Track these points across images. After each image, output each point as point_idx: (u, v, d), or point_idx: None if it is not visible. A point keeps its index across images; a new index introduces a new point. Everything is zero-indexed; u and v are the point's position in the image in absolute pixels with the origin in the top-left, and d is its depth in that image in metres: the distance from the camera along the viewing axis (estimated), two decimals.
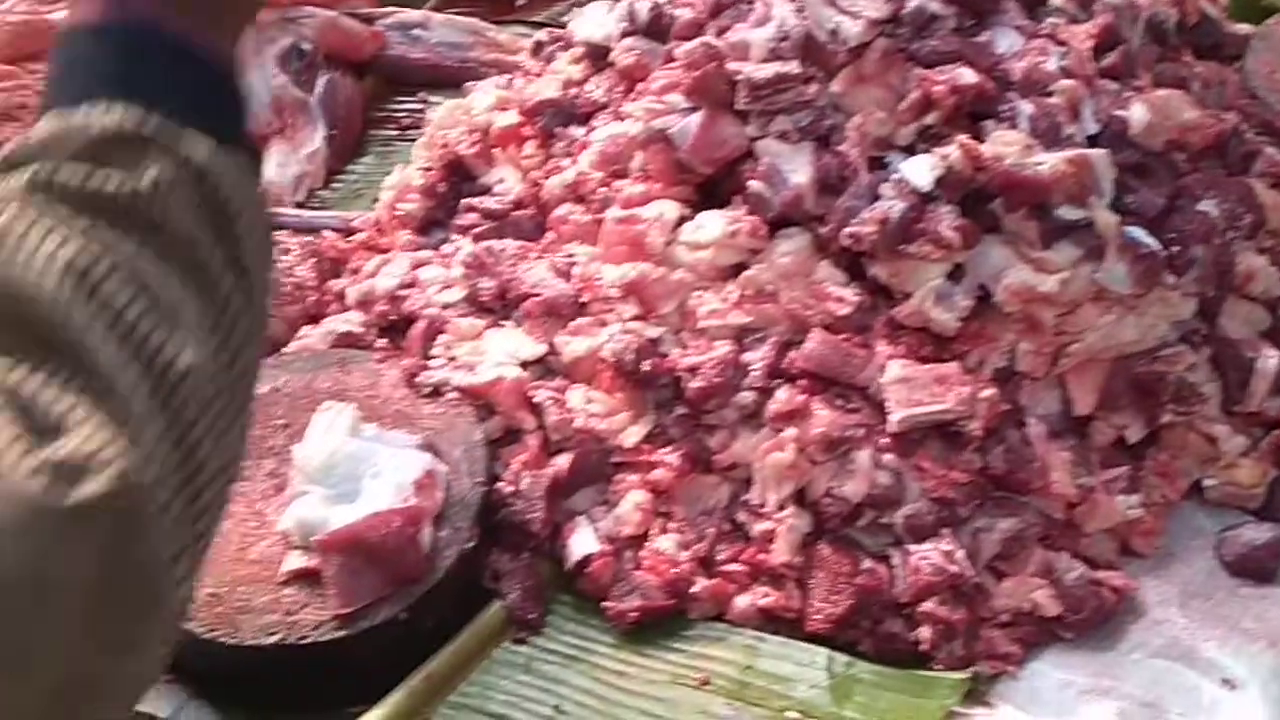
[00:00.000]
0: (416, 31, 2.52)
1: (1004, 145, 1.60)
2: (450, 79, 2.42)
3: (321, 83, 2.35)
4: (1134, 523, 1.62)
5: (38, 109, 0.83)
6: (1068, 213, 1.59)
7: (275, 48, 2.35)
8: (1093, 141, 1.65)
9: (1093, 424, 1.66)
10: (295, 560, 1.54)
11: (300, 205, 2.23)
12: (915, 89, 1.66)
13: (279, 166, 2.25)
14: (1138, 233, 1.60)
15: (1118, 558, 1.63)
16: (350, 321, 1.86)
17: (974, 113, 1.66)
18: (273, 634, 1.49)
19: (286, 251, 1.98)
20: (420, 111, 2.42)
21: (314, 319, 1.91)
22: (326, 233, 2.06)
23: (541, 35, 2.22)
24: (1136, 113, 1.65)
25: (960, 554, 1.54)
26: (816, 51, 1.70)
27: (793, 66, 1.68)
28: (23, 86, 2.11)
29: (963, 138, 1.60)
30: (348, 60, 2.43)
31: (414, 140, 2.26)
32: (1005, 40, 1.73)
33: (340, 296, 1.93)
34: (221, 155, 0.82)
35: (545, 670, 1.58)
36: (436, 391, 1.72)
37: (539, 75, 2.09)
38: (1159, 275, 1.61)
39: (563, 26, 2.32)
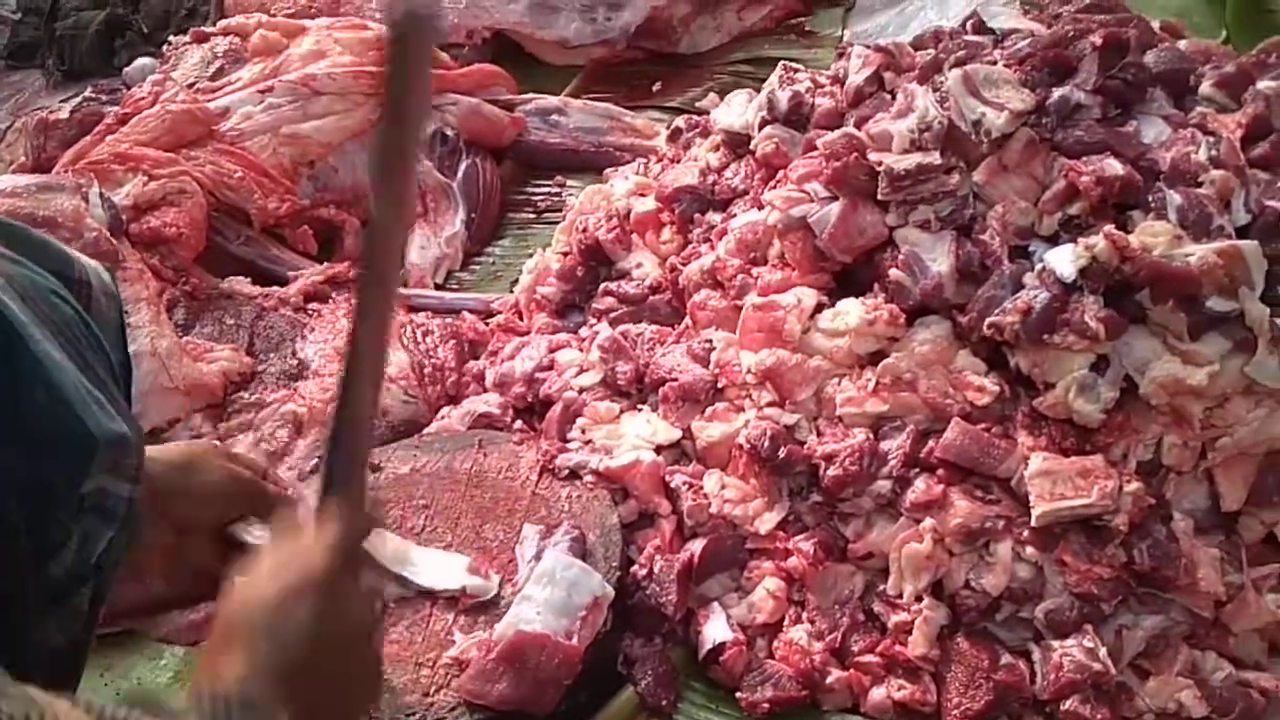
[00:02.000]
0: (555, 117, 2.57)
1: (1151, 236, 1.58)
2: (587, 163, 2.48)
3: (463, 167, 2.41)
4: None
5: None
6: (1217, 304, 1.56)
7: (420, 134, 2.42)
8: (1243, 232, 1.62)
9: (1241, 520, 1.61)
10: (458, 647, 1.55)
11: (440, 287, 2.28)
12: (1060, 179, 1.65)
13: (420, 249, 2.31)
14: None
15: (1267, 658, 1.58)
16: (489, 403, 1.89)
17: (1120, 203, 1.64)
18: (411, 714, 1.50)
19: (427, 333, 2.03)
20: (557, 195, 2.47)
21: (453, 400, 1.95)
22: (466, 314, 2.11)
23: (679, 121, 2.26)
24: None
25: (1103, 651, 1.50)
26: (958, 142, 1.70)
27: (934, 157, 1.68)
28: (182, 173, 2.18)
29: (1108, 228, 1.58)
30: (488, 145, 2.49)
31: (551, 223, 2.31)
32: (1152, 130, 1.72)
33: (479, 378, 1.96)
34: None
35: None
36: (573, 474, 1.73)
37: (675, 161, 2.12)
38: None
39: (698, 112, 2.36)
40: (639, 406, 1.82)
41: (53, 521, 0.94)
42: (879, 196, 1.70)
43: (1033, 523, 1.54)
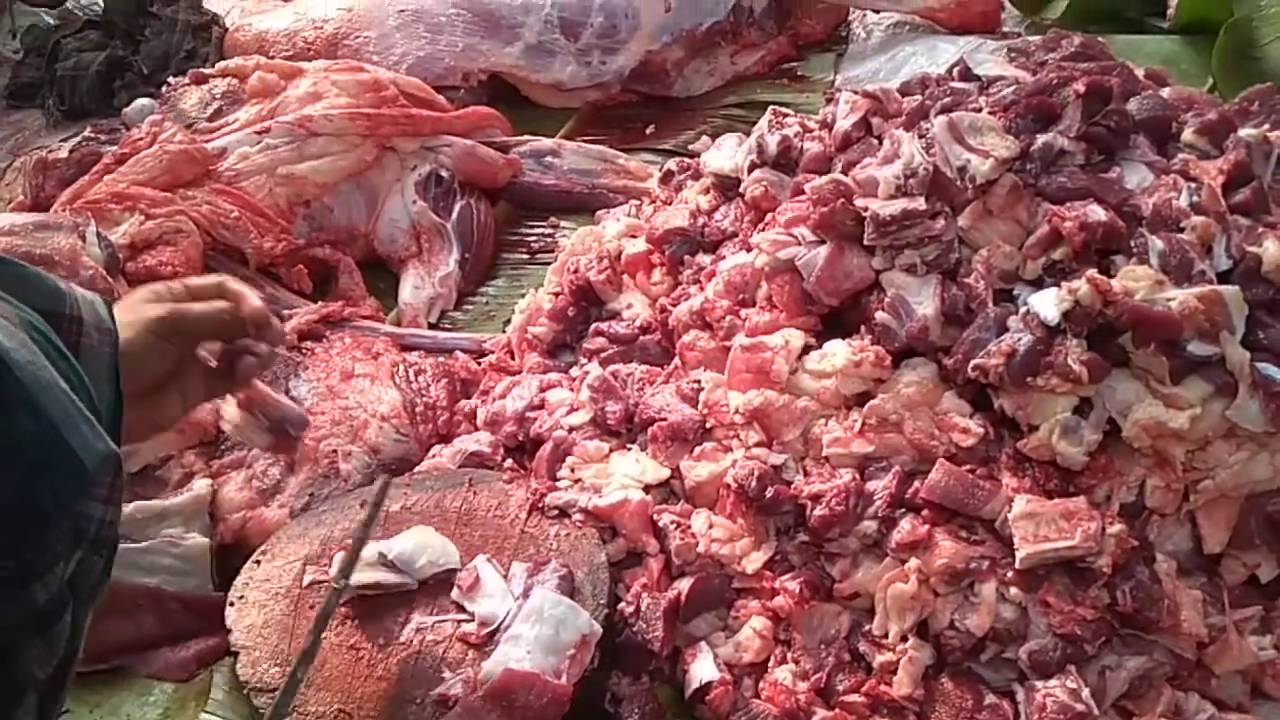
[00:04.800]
0: (549, 159, 2.60)
1: (1133, 280, 1.60)
2: (581, 205, 2.51)
3: (457, 208, 2.44)
4: (1266, 664, 1.57)
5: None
6: (1199, 348, 1.57)
7: (415, 175, 2.45)
8: (1224, 277, 1.64)
9: (1224, 562, 1.62)
10: (446, 685, 1.55)
11: (434, 326, 2.29)
12: (1044, 224, 1.67)
13: (414, 289, 2.33)
14: (1271, 369, 1.58)
15: (1249, 700, 1.58)
16: (480, 442, 1.90)
17: (1103, 248, 1.66)
18: None
19: (420, 372, 2.04)
20: (551, 236, 2.49)
21: (445, 439, 1.96)
22: (459, 354, 2.12)
23: (671, 164, 2.28)
24: (1269, 249, 1.63)
25: (1086, 692, 1.51)
26: (944, 187, 1.72)
27: (919, 203, 1.70)
28: (179, 212, 2.20)
29: (1091, 272, 1.60)
30: (483, 186, 2.52)
31: (544, 264, 2.34)
32: (1135, 176, 1.74)
33: (471, 417, 1.98)
34: None
35: None
36: (562, 513, 1.74)
37: (668, 202, 2.14)
38: None
39: (691, 155, 2.39)
40: (628, 446, 1.83)
41: (39, 546, 0.95)
42: (866, 241, 1.72)
43: (1017, 565, 1.55)
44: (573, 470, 1.79)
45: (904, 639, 1.58)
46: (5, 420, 0.92)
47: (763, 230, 1.83)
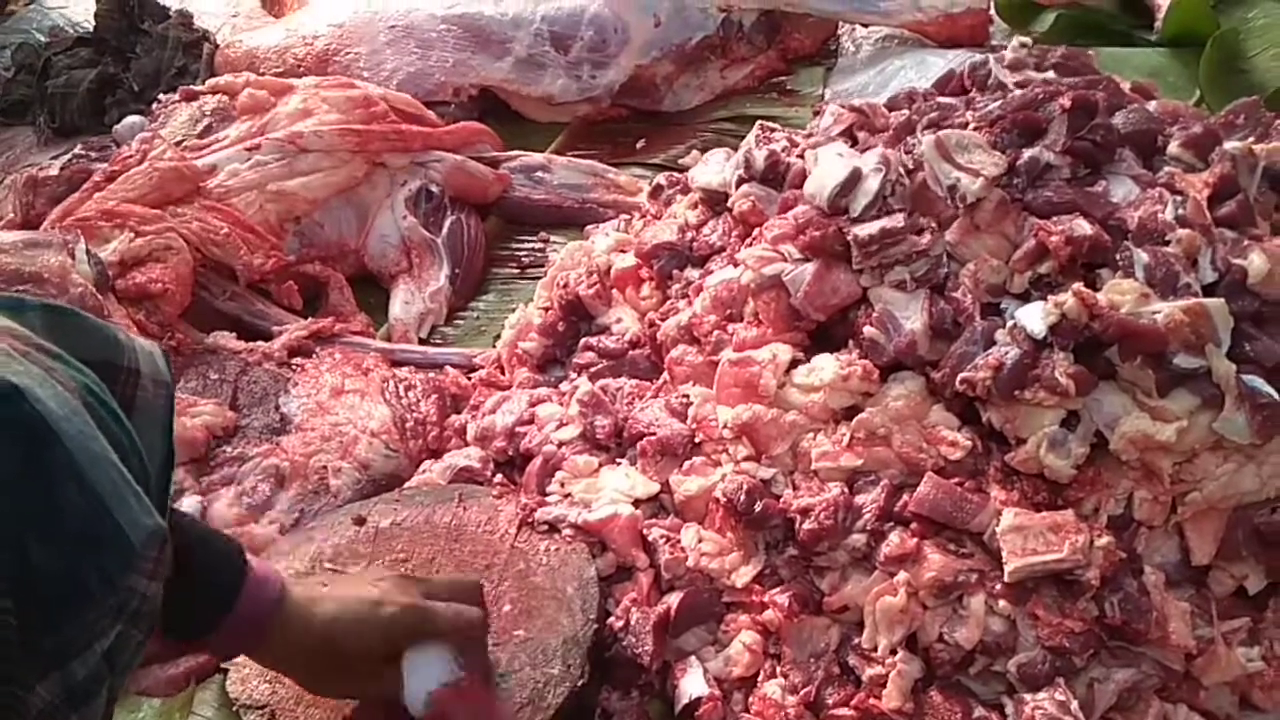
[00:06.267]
0: (539, 173, 2.61)
1: (1119, 294, 1.60)
2: (571, 219, 2.51)
3: (447, 223, 2.45)
4: (1255, 675, 1.57)
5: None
6: (1185, 361, 1.58)
7: (406, 190, 2.45)
8: (1210, 290, 1.64)
9: (1212, 574, 1.62)
10: None
11: (424, 342, 2.30)
12: (1030, 238, 1.68)
13: (404, 304, 2.33)
14: (1257, 382, 1.58)
15: (1238, 711, 1.59)
16: (470, 457, 1.90)
17: (1089, 261, 1.67)
18: None
19: (410, 388, 2.05)
20: (541, 251, 2.50)
21: (435, 454, 1.96)
22: (449, 369, 2.13)
23: (660, 178, 2.29)
24: (1255, 261, 1.63)
25: (1075, 704, 1.51)
26: (930, 203, 1.73)
27: (898, 220, 1.71)
28: (168, 229, 2.20)
29: (1077, 286, 1.61)
30: (473, 201, 2.52)
31: (534, 279, 2.34)
32: (1121, 189, 1.74)
33: (460, 432, 1.98)
34: None
35: None
36: (552, 528, 1.74)
37: (657, 217, 2.15)
38: (1279, 425, 1.58)
39: (681, 169, 2.40)
40: (618, 460, 1.83)
41: (80, 622, 0.94)
42: (854, 265, 1.73)
43: (1005, 578, 1.55)
44: (562, 485, 1.79)
45: (893, 652, 1.58)
46: (53, 493, 0.91)
47: (750, 245, 1.83)
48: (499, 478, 1.87)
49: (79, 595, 0.93)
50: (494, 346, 2.18)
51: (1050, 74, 1.93)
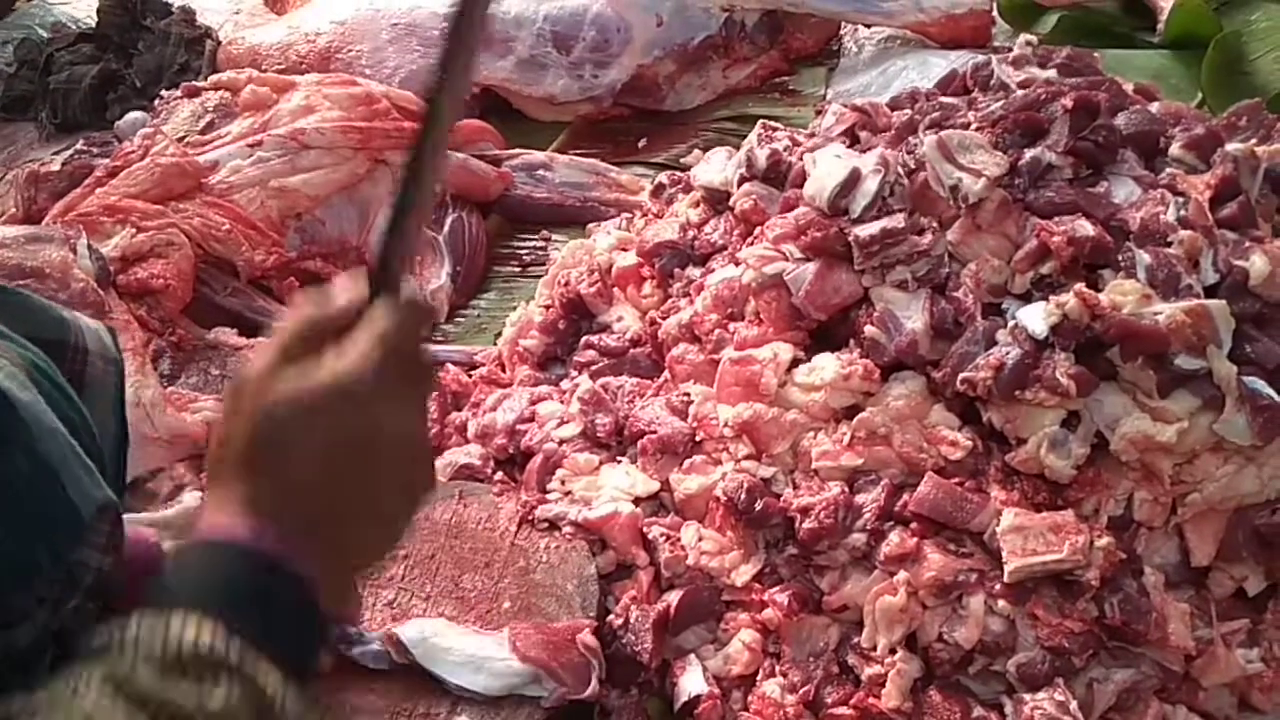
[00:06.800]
0: (541, 172, 2.60)
1: (1121, 294, 1.60)
2: (572, 218, 2.51)
3: (449, 221, 2.44)
4: (1254, 677, 1.57)
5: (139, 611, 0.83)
6: (1186, 362, 1.58)
7: None
8: (1211, 291, 1.64)
9: (1211, 575, 1.63)
10: None
11: None
12: (1032, 239, 1.68)
13: None
14: (1258, 383, 1.58)
15: (1237, 713, 1.59)
16: (470, 454, 1.90)
17: (1090, 262, 1.67)
18: None
19: None
20: (542, 249, 2.50)
21: (435, 451, 1.96)
22: (450, 366, 2.12)
23: (662, 177, 2.29)
24: (1256, 263, 1.63)
25: (1074, 705, 1.51)
26: (931, 202, 1.73)
27: (898, 220, 1.71)
28: (170, 225, 2.20)
29: (1079, 286, 1.61)
30: (475, 199, 2.52)
31: (536, 277, 2.34)
32: (1123, 190, 1.74)
33: (461, 429, 1.98)
34: (291, 689, 0.84)
35: None
36: (552, 525, 1.74)
37: (659, 215, 2.15)
38: (1279, 427, 1.58)
39: (682, 168, 2.40)
40: (618, 458, 1.83)
41: (26, 592, 0.92)
42: (856, 266, 1.73)
43: (1005, 578, 1.55)
44: (563, 483, 1.79)
45: (892, 651, 1.58)
46: (2, 461, 0.91)
47: (751, 244, 1.83)
48: (499, 475, 1.87)
49: (25, 567, 0.92)
50: (495, 344, 2.18)
51: (1053, 74, 1.93)
